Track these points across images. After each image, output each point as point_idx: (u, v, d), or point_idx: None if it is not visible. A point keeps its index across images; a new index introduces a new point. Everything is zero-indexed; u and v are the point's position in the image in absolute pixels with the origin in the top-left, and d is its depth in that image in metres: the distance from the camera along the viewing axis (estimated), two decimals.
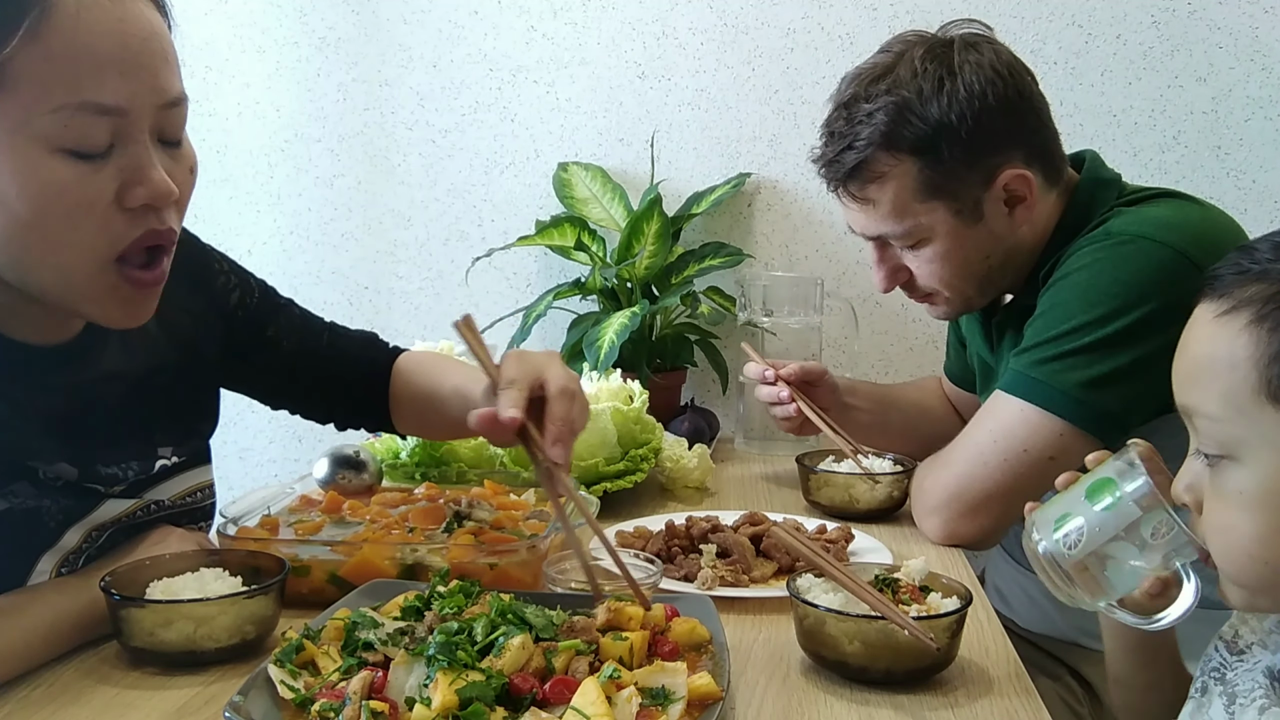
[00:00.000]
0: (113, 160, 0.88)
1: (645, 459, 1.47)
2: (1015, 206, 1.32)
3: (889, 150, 1.28)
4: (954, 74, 1.27)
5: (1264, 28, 1.95)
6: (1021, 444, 1.23)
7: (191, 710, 0.84)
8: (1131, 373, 1.21)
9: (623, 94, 2.12)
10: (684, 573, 1.13)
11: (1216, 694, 0.81)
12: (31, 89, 0.83)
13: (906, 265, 1.38)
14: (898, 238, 1.34)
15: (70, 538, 0.98)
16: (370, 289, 2.23)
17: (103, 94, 0.85)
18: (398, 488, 1.33)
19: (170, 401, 1.11)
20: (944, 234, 1.32)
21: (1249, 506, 0.72)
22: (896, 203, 1.30)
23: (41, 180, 0.85)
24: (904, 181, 1.29)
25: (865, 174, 1.31)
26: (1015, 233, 1.34)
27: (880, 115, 1.28)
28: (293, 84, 2.18)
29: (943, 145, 1.27)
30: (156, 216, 0.91)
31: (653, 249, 1.95)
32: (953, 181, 1.29)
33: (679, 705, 0.77)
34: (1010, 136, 1.30)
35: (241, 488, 1.46)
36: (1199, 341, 0.77)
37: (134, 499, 1.05)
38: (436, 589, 0.92)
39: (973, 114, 1.26)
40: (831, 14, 2.05)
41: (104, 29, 0.85)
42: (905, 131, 1.27)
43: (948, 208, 1.30)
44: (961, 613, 0.90)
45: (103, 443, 1.02)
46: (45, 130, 0.84)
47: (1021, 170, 1.30)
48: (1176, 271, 1.21)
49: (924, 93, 1.26)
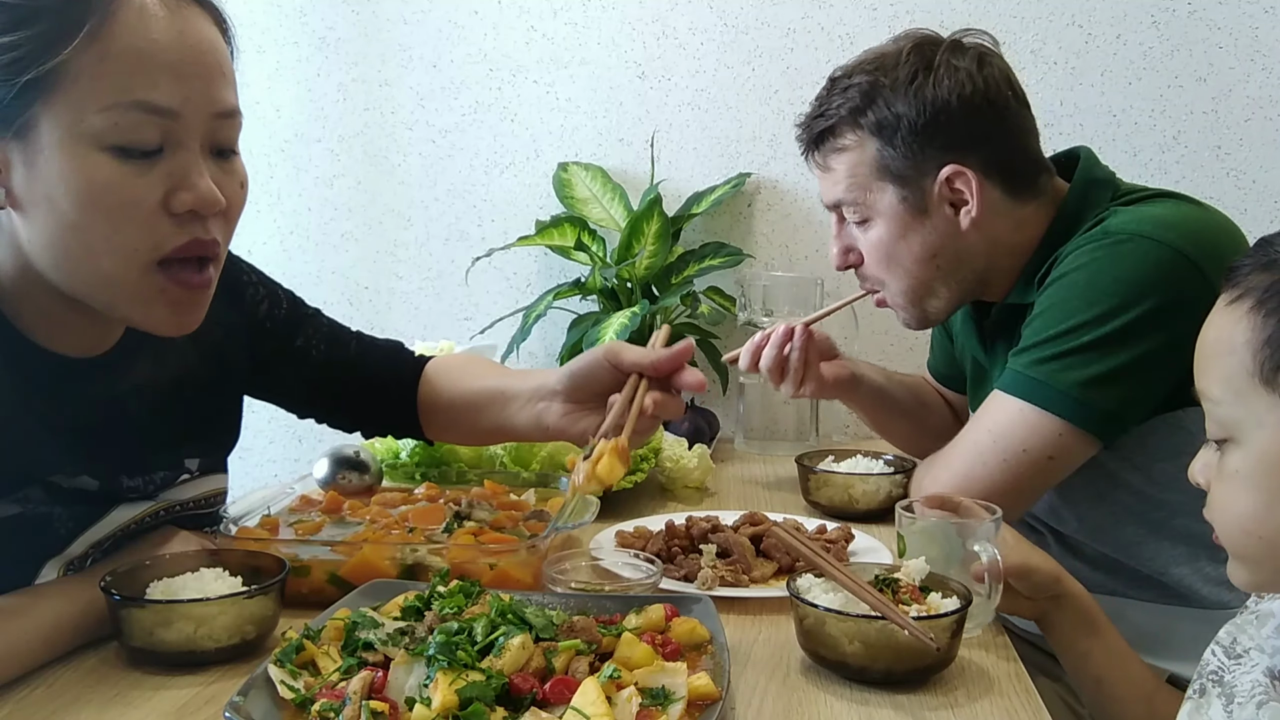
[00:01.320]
0: (161, 164, 0.88)
1: (645, 459, 1.48)
2: (960, 209, 1.34)
3: (853, 125, 1.35)
4: (929, 71, 1.32)
5: (1264, 28, 1.95)
6: (1021, 444, 1.23)
7: (191, 710, 0.84)
8: (1130, 372, 1.21)
9: (623, 94, 2.12)
10: (684, 573, 1.13)
11: (1214, 695, 0.82)
12: (86, 88, 0.84)
13: (858, 249, 1.42)
14: (849, 208, 1.39)
15: (78, 547, 0.99)
16: (370, 289, 2.23)
17: (155, 94, 0.86)
18: (398, 488, 1.33)
19: (198, 413, 1.11)
20: (890, 217, 1.36)
21: (1245, 484, 0.76)
22: (853, 174, 1.36)
23: (87, 177, 0.86)
24: (861, 157, 1.35)
25: (831, 142, 1.38)
26: (963, 239, 1.35)
27: (854, 92, 1.35)
28: (293, 84, 2.18)
29: (898, 133, 1.32)
30: (201, 225, 0.91)
31: (653, 249, 1.95)
32: (903, 167, 1.33)
33: (679, 705, 0.77)
34: (967, 141, 1.32)
35: (241, 488, 1.46)
36: (1209, 327, 0.81)
37: (149, 501, 1.05)
38: (436, 589, 0.92)
39: (932, 111, 1.31)
40: (831, 14, 2.05)
41: (162, 36, 0.87)
42: (870, 112, 1.34)
43: (895, 192, 1.35)
44: (961, 613, 0.90)
45: (130, 455, 1.03)
46: (95, 128, 0.85)
47: (963, 170, 1.32)
48: (1174, 270, 1.21)
49: (897, 81, 1.33)
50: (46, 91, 0.84)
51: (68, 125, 0.85)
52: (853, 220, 1.40)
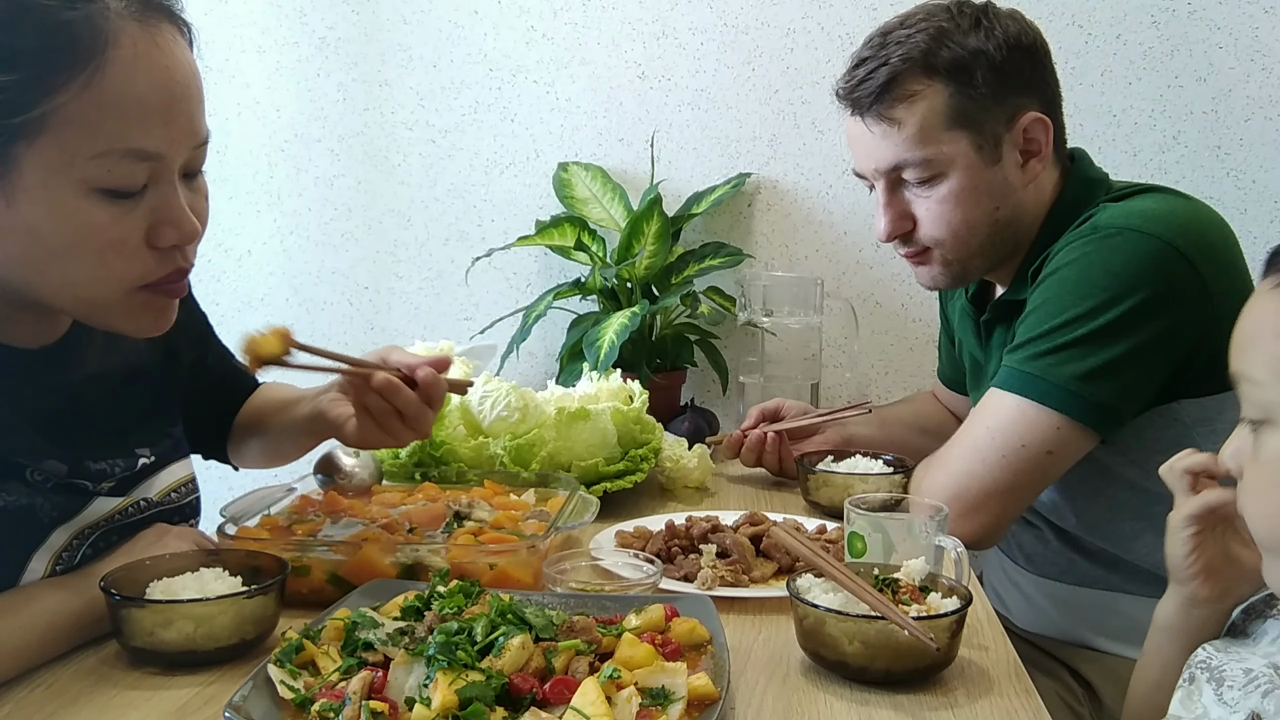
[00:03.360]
0: (145, 201, 0.90)
1: (645, 459, 1.47)
2: (1029, 159, 1.33)
3: (924, 70, 1.30)
4: (990, 18, 1.32)
5: (1264, 28, 1.95)
6: (1019, 439, 1.24)
7: (191, 710, 0.84)
8: (1125, 363, 1.21)
9: (623, 94, 2.12)
10: (684, 573, 1.13)
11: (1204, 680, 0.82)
12: (79, 133, 0.84)
13: (913, 213, 1.36)
14: (915, 166, 1.32)
15: (59, 536, 0.98)
16: (370, 289, 2.23)
17: (147, 141, 0.87)
18: (398, 488, 1.33)
19: (145, 403, 1.13)
20: (962, 168, 1.31)
21: None
22: (924, 125, 1.30)
23: (78, 221, 0.87)
24: (934, 104, 1.29)
25: (896, 92, 1.30)
26: (1023, 190, 1.34)
27: (919, 37, 1.30)
28: (293, 84, 2.18)
29: (977, 71, 1.29)
30: (182, 254, 0.94)
31: (653, 249, 1.95)
32: (980, 112, 1.30)
33: (679, 705, 0.77)
34: (1035, 83, 1.33)
35: (241, 488, 1.46)
36: (1251, 311, 0.79)
37: (123, 496, 1.06)
38: (436, 589, 0.92)
39: (1008, 47, 1.29)
40: (831, 14, 2.05)
41: (154, 79, 0.87)
42: (942, 53, 1.29)
43: (970, 140, 1.30)
44: (961, 613, 0.90)
45: (89, 440, 1.03)
46: (87, 173, 0.86)
47: (1042, 116, 1.32)
48: (1164, 261, 1.22)
49: (962, 26, 1.31)
50: (32, 134, 0.83)
51: (57, 168, 0.85)
52: (914, 180, 1.33)
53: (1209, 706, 0.80)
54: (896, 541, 1.06)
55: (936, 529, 1.06)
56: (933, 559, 1.02)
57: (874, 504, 1.12)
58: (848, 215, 2.09)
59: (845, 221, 2.09)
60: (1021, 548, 1.50)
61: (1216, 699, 0.80)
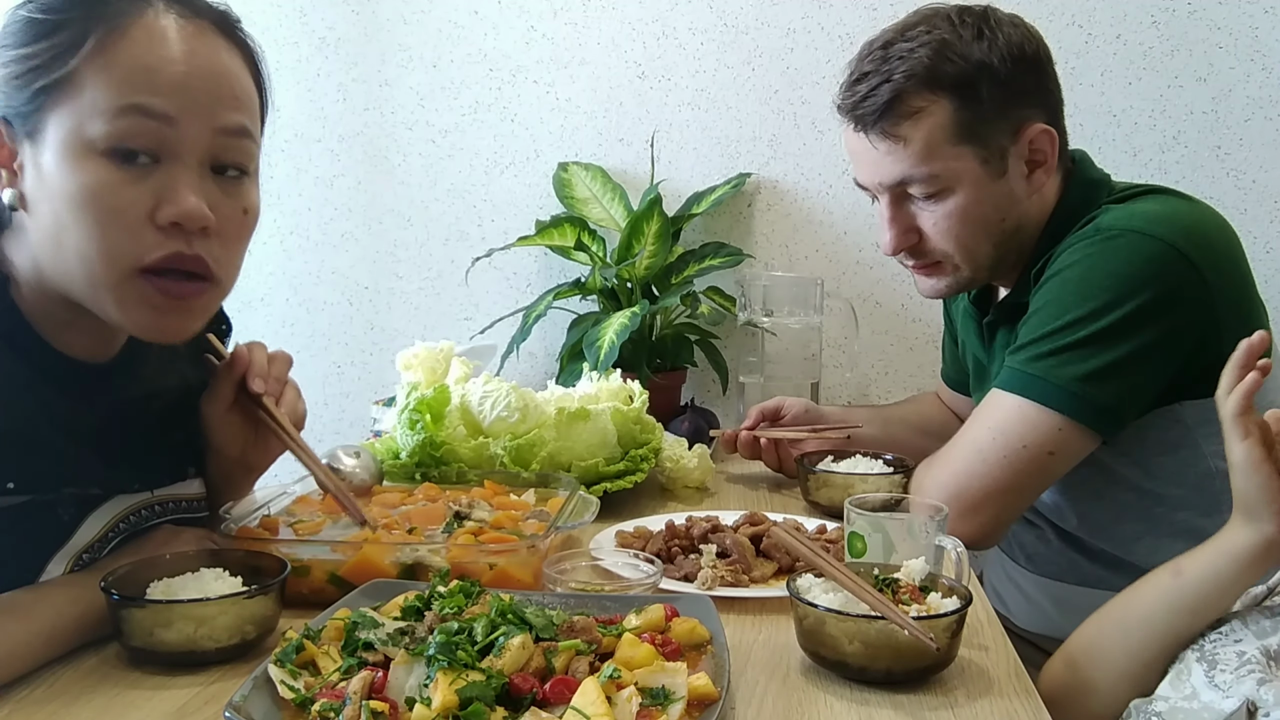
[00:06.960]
0: (155, 175, 0.90)
1: (645, 459, 1.47)
2: (1034, 170, 1.33)
3: (928, 86, 1.28)
4: (991, 26, 1.29)
5: (1264, 28, 1.96)
6: (1020, 440, 1.24)
7: (191, 710, 0.84)
8: (1127, 365, 1.21)
9: (623, 94, 2.12)
10: (684, 573, 1.13)
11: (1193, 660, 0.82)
12: (90, 95, 0.88)
13: (919, 226, 1.35)
14: (921, 183, 1.31)
15: (81, 536, 0.99)
16: (370, 289, 2.23)
17: (153, 100, 0.89)
18: (398, 488, 1.33)
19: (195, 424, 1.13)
20: (968, 183, 1.30)
21: None
22: (929, 142, 1.28)
23: (81, 180, 0.88)
24: (939, 120, 1.28)
25: (900, 109, 1.29)
26: (1028, 200, 1.34)
27: (922, 51, 1.28)
28: (293, 84, 2.18)
29: (982, 85, 1.27)
30: (184, 240, 0.92)
31: (653, 249, 1.95)
32: (985, 127, 1.29)
33: (679, 705, 0.77)
34: (1039, 94, 1.32)
35: None
36: None
37: (146, 493, 1.06)
38: (436, 589, 0.92)
39: (1012, 59, 1.28)
40: (831, 14, 2.05)
41: (170, 50, 0.90)
42: (946, 68, 1.27)
43: (976, 155, 1.29)
44: (961, 613, 0.90)
45: (137, 462, 1.04)
46: (95, 132, 0.88)
47: (1048, 128, 1.31)
48: (1167, 263, 1.22)
49: (964, 37, 1.28)
50: (56, 97, 0.88)
51: (70, 130, 0.88)
52: (921, 195, 1.32)
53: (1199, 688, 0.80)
54: (896, 541, 1.06)
55: (936, 529, 1.06)
56: (933, 559, 1.02)
57: (874, 504, 1.12)
58: (848, 215, 2.09)
59: (845, 221, 2.09)
60: (1022, 547, 1.51)
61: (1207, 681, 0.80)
